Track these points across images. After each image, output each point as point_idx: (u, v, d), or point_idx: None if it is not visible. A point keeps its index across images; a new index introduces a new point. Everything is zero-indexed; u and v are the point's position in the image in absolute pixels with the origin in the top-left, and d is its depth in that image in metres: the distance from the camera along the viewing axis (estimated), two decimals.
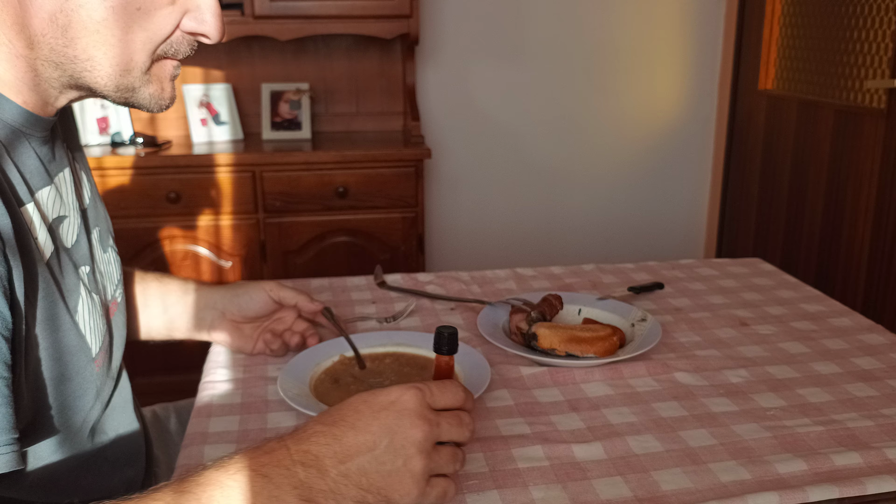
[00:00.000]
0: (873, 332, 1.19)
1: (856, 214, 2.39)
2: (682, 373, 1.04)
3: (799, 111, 2.66)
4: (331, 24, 2.44)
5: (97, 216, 0.91)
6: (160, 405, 1.21)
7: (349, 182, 2.39)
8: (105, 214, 0.94)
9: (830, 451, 0.86)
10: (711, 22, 3.00)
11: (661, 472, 0.82)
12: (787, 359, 1.09)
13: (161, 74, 0.76)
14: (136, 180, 2.30)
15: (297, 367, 1.01)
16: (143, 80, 0.74)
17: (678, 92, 3.05)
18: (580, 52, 2.93)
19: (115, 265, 0.93)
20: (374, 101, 2.81)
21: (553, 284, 1.40)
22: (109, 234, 0.94)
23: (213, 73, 2.69)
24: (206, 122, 2.59)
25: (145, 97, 0.76)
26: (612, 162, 3.07)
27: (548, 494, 0.78)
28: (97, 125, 2.52)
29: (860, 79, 2.38)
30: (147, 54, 0.73)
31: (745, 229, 3.03)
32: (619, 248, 3.15)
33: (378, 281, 1.40)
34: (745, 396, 0.98)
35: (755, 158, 2.93)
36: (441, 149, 2.91)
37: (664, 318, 1.24)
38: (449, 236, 3.03)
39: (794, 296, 1.34)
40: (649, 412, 0.95)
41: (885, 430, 0.90)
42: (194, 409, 0.97)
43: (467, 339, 1.15)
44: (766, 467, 0.83)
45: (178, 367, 2.37)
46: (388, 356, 1.07)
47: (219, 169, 2.34)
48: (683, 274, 1.45)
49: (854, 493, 0.79)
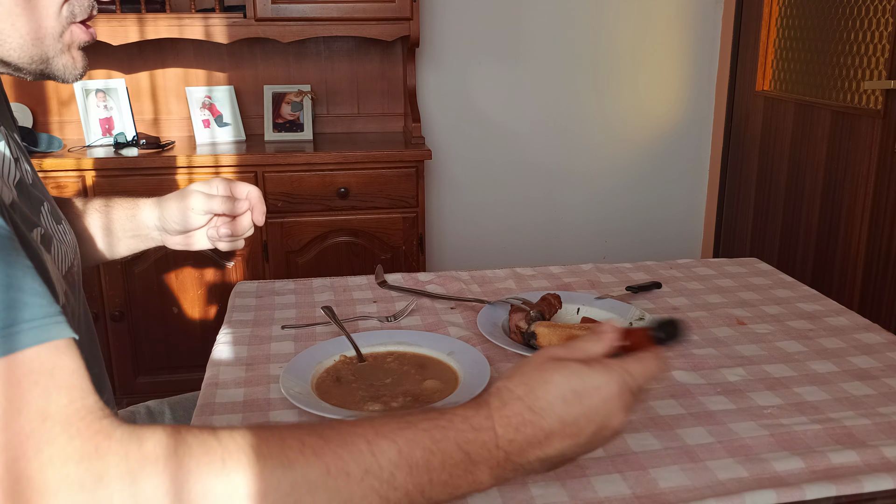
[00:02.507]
0: (870, 331, 1.20)
1: (852, 214, 2.40)
2: (680, 371, 1.05)
3: (796, 112, 2.67)
4: (332, 26, 2.46)
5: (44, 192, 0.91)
6: (154, 401, 1.21)
7: (350, 183, 2.40)
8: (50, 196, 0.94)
9: (828, 449, 0.86)
10: (709, 24, 3.01)
11: (659, 469, 0.83)
12: (784, 357, 1.10)
13: (72, 41, 0.77)
14: (139, 181, 2.31)
15: (300, 366, 1.02)
16: (57, 50, 0.75)
17: (676, 93, 3.06)
18: (579, 54, 2.94)
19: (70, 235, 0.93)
20: (375, 102, 2.82)
21: (552, 284, 1.41)
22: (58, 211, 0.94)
23: (216, 75, 2.71)
24: (209, 124, 2.60)
25: (59, 67, 0.77)
26: (610, 162, 3.08)
27: (546, 492, 0.79)
28: (101, 126, 2.53)
29: (857, 80, 2.39)
30: (53, 18, 0.74)
31: (742, 229, 3.04)
32: (617, 248, 3.16)
33: (379, 280, 1.41)
34: (742, 395, 0.99)
35: (752, 159, 2.94)
36: (441, 150, 2.92)
37: (662, 317, 1.24)
38: (449, 236, 3.04)
39: (791, 295, 1.35)
40: (647, 410, 0.95)
41: (881, 428, 0.91)
42: (197, 408, 0.98)
43: (467, 338, 1.16)
44: (764, 465, 0.83)
45: (180, 365, 2.39)
46: (389, 355, 1.08)
47: (221, 170, 2.35)
48: (681, 273, 1.46)
49: (851, 491, 0.79)
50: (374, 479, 0.58)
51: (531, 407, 0.65)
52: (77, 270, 0.95)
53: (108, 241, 1.10)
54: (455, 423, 0.63)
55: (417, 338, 1.12)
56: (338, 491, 0.56)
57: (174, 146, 2.51)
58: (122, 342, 2.39)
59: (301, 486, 0.55)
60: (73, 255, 0.93)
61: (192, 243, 1.12)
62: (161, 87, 2.70)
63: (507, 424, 0.64)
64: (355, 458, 0.58)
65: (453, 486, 0.62)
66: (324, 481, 0.56)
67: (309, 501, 0.55)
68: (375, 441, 0.59)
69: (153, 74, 2.68)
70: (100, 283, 2.33)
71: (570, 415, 0.65)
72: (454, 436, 0.62)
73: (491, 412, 0.65)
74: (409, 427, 0.61)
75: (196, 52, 2.67)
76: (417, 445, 0.60)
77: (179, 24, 2.40)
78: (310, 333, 1.19)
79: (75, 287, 0.91)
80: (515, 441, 0.64)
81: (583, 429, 0.65)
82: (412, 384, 1.00)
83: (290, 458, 0.56)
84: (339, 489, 0.56)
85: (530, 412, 0.65)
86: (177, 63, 2.68)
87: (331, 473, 0.56)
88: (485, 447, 0.63)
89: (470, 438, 0.62)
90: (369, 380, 1.01)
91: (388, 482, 0.58)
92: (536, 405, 0.65)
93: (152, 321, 2.39)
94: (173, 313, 2.39)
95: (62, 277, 0.84)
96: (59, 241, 0.88)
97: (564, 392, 0.65)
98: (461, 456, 0.62)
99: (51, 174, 2.25)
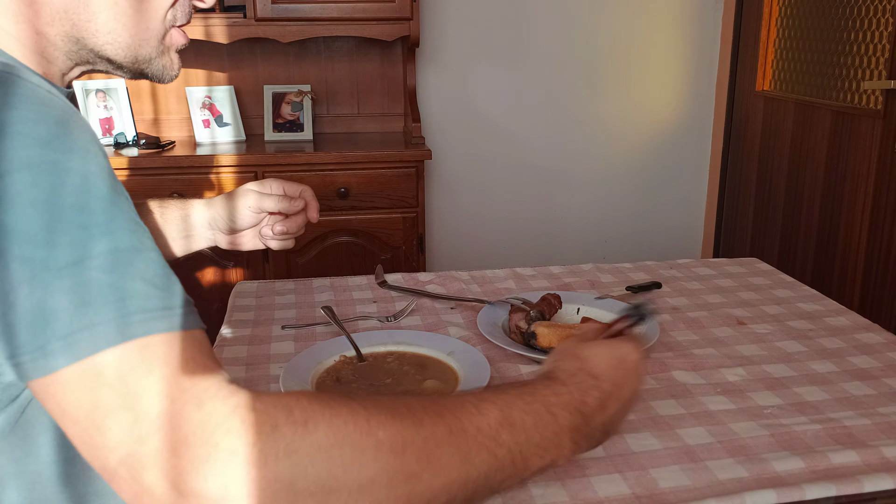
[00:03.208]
0: (870, 330, 1.20)
1: (852, 214, 2.41)
2: (680, 371, 1.05)
3: (796, 112, 2.67)
4: (332, 26, 2.46)
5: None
6: None
7: (350, 183, 2.40)
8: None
9: (828, 449, 0.86)
10: (709, 24, 3.01)
11: (659, 469, 0.83)
12: (784, 357, 1.10)
13: (171, 44, 0.80)
14: (139, 181, 2.31)
15: (300, 366, 1.02)
16: (158, 51, 0.78)
17: (676, 93, 3.06)
18: (579, 55, 2.94)
19: None
20: (375, 102, 2.82)
21: (552, 284, 1.41)
22: None
23: (216, 75, 2.71)
24: (209, 124, 2.60)
25: (158, 68, 0.79)
26: (610, 162, 3.08)
27: (546, 492, 0.79)
28: (101, 126, 2.53)
29: (857, 80, 2.39)
30: (160, 21, 0.76)
31: (742, 229, 3.04)
32: (617, 248, 3.16)
33: (379, 280, 1.41)
34: (742, 395, 0.99)
35: (752, 159, 2.94)
36: (441, 150, 2.92)
37: (662, 317, 1.25)
38: (449, 236, 3.04)
39: (791, 295, 1.35)
40: (647, 410, 0.96)
41: (881, 428, 0.91)
42: None
43: (467, 338, 1.16)
44: (764, 465, 0.83)
45: None
46: (389, 355, 1.08)
47: (221, 170, 2.35)
48: (681, 273, 1.46)
49: (851, 491, 0.79)
50: (484, 436, 0.65)
51: (591, 373, 0.72)
52: None
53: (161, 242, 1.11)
54: (539, 389, 0.70)
55: (417, 338, 1.12)
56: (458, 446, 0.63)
57: (174, 146, 2.51)
58: None
59: (430, 441, 0.62)
60: None
61: (242, 243, 1.14)
62: (161, 87, 2.70)
63: (580, 389, 0.71)
64: (469, 418, 0.65)
65: (543, 449, 0.67)
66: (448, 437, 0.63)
67: (437, 454, 0.62)
68: (480, 405, 0.66)
69: None
70: None
71: (620, 377, 0.73)
72: (542, 398, 0.69)
73: (564, 380, 0.71)
74: (504, 392, 0.68)
75: (196, 51, 2.67)
76: (514, 407, 0.67)
77: None
78: (310, 333, 1.19)
79: None
80: (587, 404, 0.70)
81: (625, 392, 0.73)
82: (412, 384, 1.00)
83: (419, 417, 0.63)
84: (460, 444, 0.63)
85: (592, 378, 0.72)
86: None
87: (452, 431, 0.63)
88: (566, 409, 0.69)
89: (554, 402, 0.69)
90: (369, 380, 1.01)
91: (494, 439, 0.65)
92: (595, 370, 0.72)
93: None
94: None
95: None
96: None
97: (610, 358, 0.73)
98: (549, 417, 0.68)
99: None
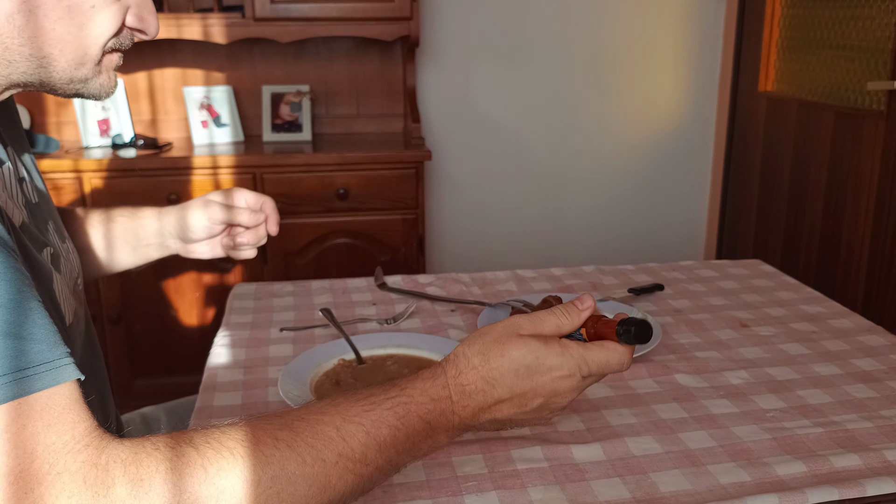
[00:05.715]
0: (873, 333, 1.19)
1: (856, 216, 2.39)
2: (682, 374, 1.05)
3: (799, 113, 2.66)
4: (331, 26, 2.45)
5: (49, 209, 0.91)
6: (149, 407, 1.21)
7: (350, 184, 2.40)
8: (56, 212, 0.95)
9: (830, 452, 0.86)
10: (711, 24, 3.00)
11: (660, 473, 0.82)
12: (787, 360, 1.10)
13: (108, 65, 0.79)
14: (136, 182, 2.30)
15: (298, 370, 1.01)
16: (95, 72, 0.77)
17: (678, 94, 3.06)
18: (580, 55, 2.93)
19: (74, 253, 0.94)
20: (374, 103, 2.81)
21: (553, 286, 1.40)
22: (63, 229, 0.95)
23: (214, 75, 2.70)
24: (207, 125, 2.59)
25: (95, 87, 0.79)
26: (612, 163, 3.07)
27: (546, 496, 0.79)
28: (98, 127, 2.52)
29: (860, 81, 2.38)
30: (99, 48, 0.76)
31: (745, 231, 3.03)
32: (619, 250, 3.15)
33: (378, 282, 1.40)
34: (744, 398, 0.99)
35: (755, 160, 2.93)
36: (441, 151, 2.92)
37: (664, 319, 1.24)
38: (449, 238, 3.03)
39: (794, 297, 1.35)
40: (649, 413, 0.95)
41: (884, 431, 0.91)
42: (195, 411, 0.97)
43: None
44: (766, 469, 0.83)
45: (178, 368, 2.38)
46: (389, 358, 1.07)
47: (219, 171, 2.34)
48: (683, 275, 1.46)
49: (853, 494, 0.79)
50: (347, 460, 0.64)
51: (485, 377, 0.71)
52: (81, 285, 0.95)
53: (108, 254, 1.11)
54: (415, 398, 0.70)
55: (417, 340, 1.11)
56: (315, 477, 0.62)
57: (172, 147, 2.51)
58: (119, 345, 2.38)
59: (281, 478, 0.61)
60: (78, 271, 0.94)
61: (199, 252, 1.13)
62: (159, 87, 2.69)
63: (462, 392, 0.71)
64: (327, 445, 0.64)
65: (416, 451, 0.70)
66: (301, 470, 0.62)
67: (290, 490, 0.61)
68: (344, 427, 0.65)
69: (151, 75, 2.67)
70: (97, 286, 2.32)
71: (520, 388, 0.71)
72: (415, 409, 0.69)
73: (447, 381, 0.72)
74: (374, 408, 0.68)
75: (194, 52, 2.66)
76: (383, 424, 0.67)
77: (178, 24, 2.40)
78: (308, 336, 1.18)
79: (81, 302, 0.92)
80: (469, 407, 0.71)
81: (529, 401, 0.72)
82: None
83: (266, 454, 0.61)
84: (317, 475, 0.62)
85: (483, 382, 0.71)
86: (175, 63, 2.68)
87: (307, 462, 0.63)
88: (443, 415, 0.71)
89: (430, 409, 0.70)
90: (368, 383, 1.00)
91: (360, 461, 0.65)
92: (490, 376, 0.71)
93: (150, 324, 2.38)
94: (171, 316, 2.38)
95: (70, 294, 0.85)
96: (65, 259, 0.88)
97: (518, 367, 0.71)
98: (423, 426, 0.69)
99: (48, 176, 2.25)
